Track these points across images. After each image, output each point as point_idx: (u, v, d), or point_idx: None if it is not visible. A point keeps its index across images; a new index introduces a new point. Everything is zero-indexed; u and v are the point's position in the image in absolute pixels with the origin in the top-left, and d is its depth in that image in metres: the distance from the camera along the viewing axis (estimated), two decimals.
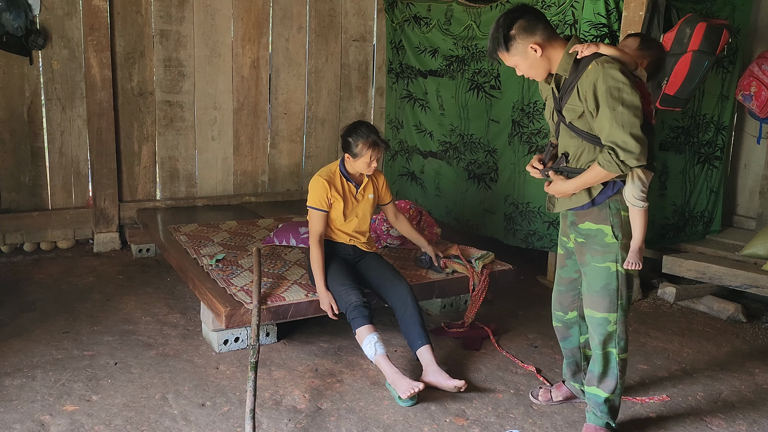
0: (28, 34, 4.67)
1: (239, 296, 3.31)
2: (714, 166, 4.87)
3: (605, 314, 2.55)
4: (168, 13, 5.19)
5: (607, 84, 2.32)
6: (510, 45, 2.47)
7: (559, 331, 2.87)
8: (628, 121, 2.30)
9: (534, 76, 2.55)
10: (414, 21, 5.61)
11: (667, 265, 4.43)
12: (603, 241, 2.53)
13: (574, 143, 2.53)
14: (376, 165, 3.35)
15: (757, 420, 2.89)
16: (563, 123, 2.54)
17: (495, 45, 2.50)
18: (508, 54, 2.49)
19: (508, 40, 2.46)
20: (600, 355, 2.60)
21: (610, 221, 2.51)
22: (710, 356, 3.54)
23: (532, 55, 2.46)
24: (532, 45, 2.45)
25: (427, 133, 5.66)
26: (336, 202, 3.36)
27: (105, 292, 4.19)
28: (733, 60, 4.73)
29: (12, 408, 2.76)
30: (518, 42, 2.46)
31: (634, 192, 2.49)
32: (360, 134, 3.27)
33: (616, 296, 2.54)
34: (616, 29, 4.04)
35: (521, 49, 2.47)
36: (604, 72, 2.33)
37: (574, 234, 2.62)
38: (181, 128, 5.40)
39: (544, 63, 2.49)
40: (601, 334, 2.58)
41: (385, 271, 3.37)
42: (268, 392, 2.97)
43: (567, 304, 2.81)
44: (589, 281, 2.58)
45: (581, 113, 2.45)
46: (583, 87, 2.40)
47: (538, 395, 2.96)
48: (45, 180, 5.04)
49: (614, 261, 2.53)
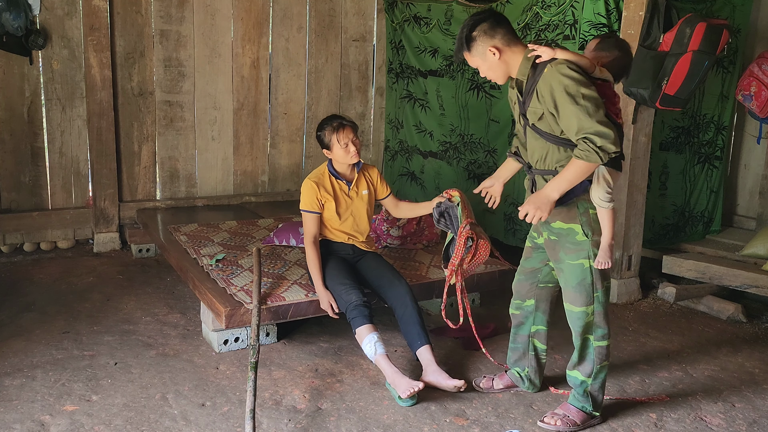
0: (28, 34, 4.67)
1: (239, 296, 3.31)
2: (714, 166, 4.87)
3: (583, 308, 2.66)
4: (168, 13, 5.19)
5: (562, 83, 2.41)
6: (471, 46, 2.60)
7: (515, 317, 2.99)
8: (593, 111, 2.38)
9: (494, 78, 2.65)
10: (414, 21, 5.61)
11: (667, 265, 4.43)
12: (574, 239, 2.61)
13: (539, 145, 2.62)
14: (355, 150, 3.31)
15: (757, 420, 2.89)
16: (528, 126, 2.63)
17: (459, 45, 2.64)
18: (470, 55, 2.63)
19: (470, 41, 2.59)
20: (578, 340, 2.72)
21: (579, 220, 2.60)
22: (710, 356, 3.54)
23: (490, 58, 2.58)
24: (491, 48, 2.56)
25: (427, 133, 5.66)
26: (327, 202, 3.36)
27: (105, 292, 4.19)
28: (733, 60, 4.73)
29: (12, 408, 2.76)
30: (479, 44, 2.58)
31: (599, 193, 2.55)
32: (324, 125, 3.36)
33: (591, 290, 2.64)
34: (616, 29, 4.04)
35: (481, 50, 2.58)
36: (557, 72, 2.43)
37: (547, 232, 2.71)
38: (181, 128, 5.40)
39: (502, 66, 2.60)
40: (579, 326, 2.69)
41: (385, 271, 3.37)
42: (268, 392, 2.97)
43: (524, 292, 2.92)
44: (566, 278, 2.67)
45: (541, 115, 2.54)
46: (541, 90, 2.49)
47: (481, 383, 3.05)
48: (45, 180, 5.04)
49: (587, 257, 2.61)
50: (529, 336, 2.96)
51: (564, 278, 2.68)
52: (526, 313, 2.94)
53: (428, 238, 4.39)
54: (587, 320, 2.67)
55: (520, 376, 3.01)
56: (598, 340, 2.70)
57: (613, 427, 2.79)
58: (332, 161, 3.40)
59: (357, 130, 3.38)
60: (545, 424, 2.73)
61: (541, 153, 2.61)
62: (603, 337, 2.70)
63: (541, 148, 2.61)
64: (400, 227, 4.27)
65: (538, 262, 2.85)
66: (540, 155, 2.62)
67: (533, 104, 2.54)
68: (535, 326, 2.94)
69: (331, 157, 3.38)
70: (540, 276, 2.87)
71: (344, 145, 3.29)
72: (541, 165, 2.62)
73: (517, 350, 3.01)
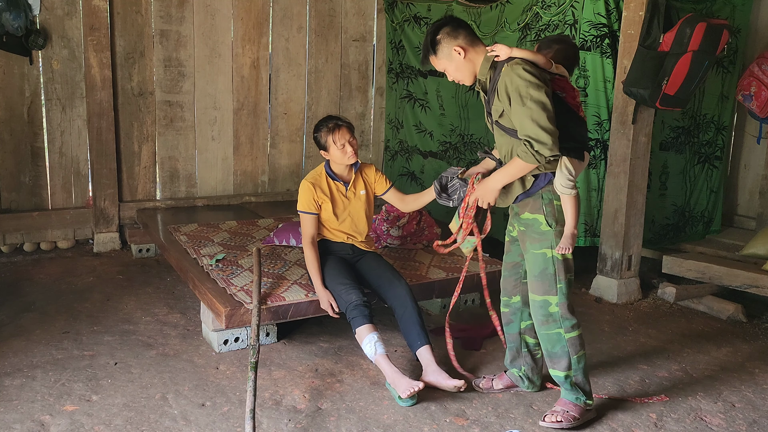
0: (28, 34, 4.67)
1: (239, 296, 3.31)
2: (714, 166, 4.87)
3: (545, 297, 2.72)
4: (168, 13, 5.19)
5: (514, 84, 2.52)
6: (437, 48, 2.69)
7: (505, 315, 3.01)
8: (537, 115, 2.48)
9: (462, 79, 2.73)
10: (414, 21, 5.61)
11: (667, 265, 4.43)
12: (539, 229, 2.71)
13: (505, 141, 2.72)
14: (353, 150, 3.30)
15: (757, 420, 2.89)
16: (491, 123, 2.74)
17: (425, 51, 2.74)
18: (436, 58, 2.72)
19: (435, 44, 2.69)
20: (544, 335, 2.77)
21: (543, 210, 2.69)
22: (710, 356, 3.54)
23: (456, 58, 2.67)
24: (455, 48, 2.65)
25: (427, 133, 5.66)
26: (324, 203, 3.35)
27: (105, 292, 4.19)
28: (733, 60, 4.73)
29: (12, 408, 2.76)
30: (444, 45, 2.67)
31: (561, 180, 2.65)
32: (320, 126, 3.35)
33: (554, 280, 2.70)
34: (616, 29, 4.04)
35: (447, 52, 2.68)
36: (512, 72, 2.53)
37: (517, 224, 2.81)
38: (181, 128, 5.40)
39: (469, 66, 2.69)
40: (541, 315, 2.74)
41: (385, 271, 3.37)
42: (268, 392, 2.97)
43: (510, 288, 2.96)
44: (530, 267, 2.76)
45: (502, 112, 2.64)
46: (500, 88, 2.59)
47: (481, 384, 3.06)
48: (45, 180, 5.04)
49: (549, 247, 2.69)
50: (519, 333, 2.98)
51: (529, 267, 2.77)
52: (514, 310, 2.97)
53: (428, 238, 4.39)
54: (551, 310, 2.71)
55: (519, 375, 3.02)
56: (568, 332, 2.73)
57: (613, 427, 2.79)
58: (330, 162, 3.40)
59: (353, 131, 3.37)
60: (547, 422, 2.74)
61: (507, 148, 2.72)
62: (573, 328, 2.74)
63: (507, 144, 2.71)
64: (400, 227, 4.27)
65: (517, 255, 2.90)
66: (506, 150, 2.72)
67: (495, 103, 2.64)
68: (524, 322, 2.96)
69: (329, 159, 3.37)
70: (521, 270, 2.90)
71: (341, 146, 3.28)
72: (508, 159, 2.70)
73: (512, 350, 3.03)
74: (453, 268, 3.87)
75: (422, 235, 4.36)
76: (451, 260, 4.04)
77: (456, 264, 3.96)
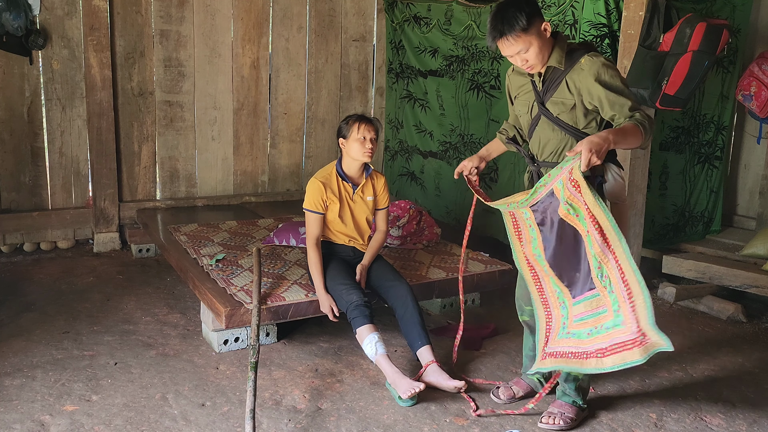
0: (28, 34, 4.67)
1: (239, 296, 3.31)
2: (714, 166, 4.87)
3: None
4: (168, 13, 5.19)
5: (608, 74, 2.42)
6: (531, 21, 2.38)
7: (528, 325, 2.91)
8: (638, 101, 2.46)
9: (537, 63, 2.48)
10: (414, 21, 5.61)
11: (667, 265, 4.43)
12: None
13: (556, 136, 2.57)
14: (371, 147, 3.27)
15: (757, 420, 2.89)
16: (546, 117, 2.56)
17: (507, 25, 2.38)
18: (526, 33, 2.39)
19: (530, 16, 2.38)
20: None
21: None
22: (710, 356, 3.54)
23: (543, 36, 2.44)
24: (544, 24, 2.44)
25: (427, 133, 5.66)
26: (332, 204, 3.34)
27: (105, 292, 4.19)
28: (733, 60, 4.73)
29: (12, 408, 2.76)
30: (536, 19, 2.41)
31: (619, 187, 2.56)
32: (350, 116, 3.34)
33: None
34: (616, 29, 4.04)
35: (538, 27, 2.42)
36: (598, 62, 2.44)
37: None
38: (181, 128, 5.41)
39: (548, 47, 2.47)
40: None
41: (385, 272, 3.37)
42: (268, 392, 2.97)
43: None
44: None
45: (572, 106, 2.49)
46: (576, 79, 2.45)
47: (500, 394, 2.93)
48: (45, 180, 5.04)
49: None
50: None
51: None
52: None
53: (428, 238, 4.39)
54: None
55: (538, 380, 2.96)
56: None
57: (613, 427, 2.79)
58: (341, 161, 3.37)
59: (378, 133, 3.35)
60: (545, 424, 2.73)
61: (557, 144, 2.57)
62: None
63: (558, 140, 2.57)
64: (400, 227, 4.27)
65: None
66: (555, 147, 2.58)
67: (560, 95, 2.50)
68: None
69: (344, 150, 3.32)
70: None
71: (362, 137, 3.25)
72: (554, 157, 2.59)
73: (533, 359, 2.88)
74: (453, 268, 3.87)
75: (422, 235, 4.37)
76: (451, 260, 4.04)
77: (456, 264, 3.96)
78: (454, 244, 4.42)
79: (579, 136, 2.50)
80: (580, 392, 2.78)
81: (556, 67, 2.51)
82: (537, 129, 2.63)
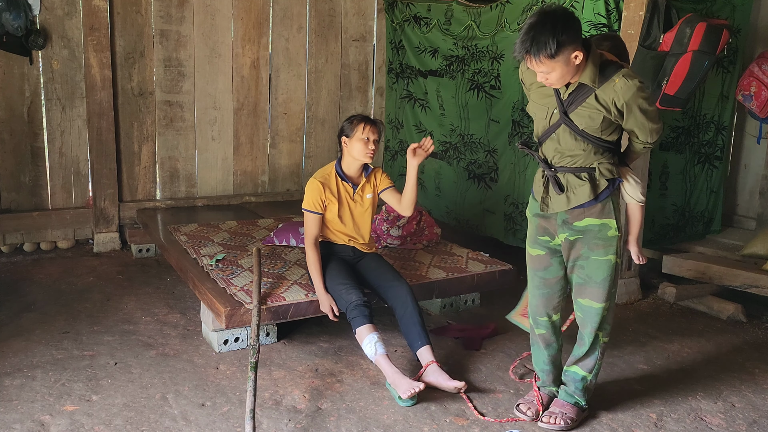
0: (28, 34, 4.67)
1: (239, 296, 3.31)
2: (714, 166, 4.87)
3: (603, 303, 2.65)
4: (168, 13, 5.19)
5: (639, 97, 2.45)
6: (560, 51, 2.30)
7: (545, 338, 2.82)
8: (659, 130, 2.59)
9: (557, 83, 2.45)
10: (414, 21, 5.61)
11: (667, 265, 4.43)
12: (606, 235, 2.60)
13: (579, 146, 2.56)
14: (373, 149, 3.26)
15: (757, 420, 2.89)
16: (569, 127, 2.54)
17: (541, 47, 2.29)
18: (550, 60, 2.32)
19: (561, 45, 2.29)
20: (589, 338, 2.71)
21: (614, 215, 2.60)
22: (710, 356, 3.54)
23: (572, 63, 2.36)
24: (576, 52, 2.35)
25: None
26: (331, 204, 3.34)
27: (105, 292, 4.19)
28: (733, 60, 4.73)
29: (12, 408, 2.76)
30: (567, 48, 2.31)
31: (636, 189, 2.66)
32: (354, 116, 3.34)
33: (613, 286, 2.66)
34: (616, 29, 4.03)
35: (567, 56, 2.33)
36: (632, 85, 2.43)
37: (567, 233, 2.64)
38: (181, 128, 5.40)
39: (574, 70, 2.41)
40: (596, 322, 2.68)
41: (385, 272, 3.36)
42: (268, 392, 2.97)
43: (554, 305, 2.78)
44: (589, 274, 2.63)
45: (601, 120, 2.48)
46: (608, 98, 2.45)
47: (527, 411, 2.81)
48: (45, 180, 5.04)
49: (615, 254, 2.62)
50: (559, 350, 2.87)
51: (587, 274, 2.63)
52: (555, 329, 2.82)
53: (428, 238, 4.39)
54: (603, 315, 2.66)
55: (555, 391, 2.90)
56: (605, 337, 2.74)
57: (613, 427, 2.79)
58: (341, 160, 3.37)
59: (381, 135, 3.36)
60: (546, 424, 2.73)
61: (577, 152, 2.56)
62: (608, 334, 2.75)
63: (579, 149, 2.56)
64: (400, 227, 4.27)
65: (560, 268, 2.73)
66: (575, 153, 2.57)
67: (588, 108, 2.47)
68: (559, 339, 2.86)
69: (346, 149, 3.32)
70: (565, 284, 2.76)
71: (366, 138, 3.25)
72: (571, 163, 2.59)
73: (553, 371, 2.88)
74: (453, 268, 3.87)
75: (422, 235, 4.37)
76: (451, 260, 4.04)
77: (456, 264, 3.96)
78: (454, 244, 4.42)
79: (601, 146, 2.55)
80: (586, 393, 2.78)
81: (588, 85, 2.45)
82: (554, 135, 2.59)
